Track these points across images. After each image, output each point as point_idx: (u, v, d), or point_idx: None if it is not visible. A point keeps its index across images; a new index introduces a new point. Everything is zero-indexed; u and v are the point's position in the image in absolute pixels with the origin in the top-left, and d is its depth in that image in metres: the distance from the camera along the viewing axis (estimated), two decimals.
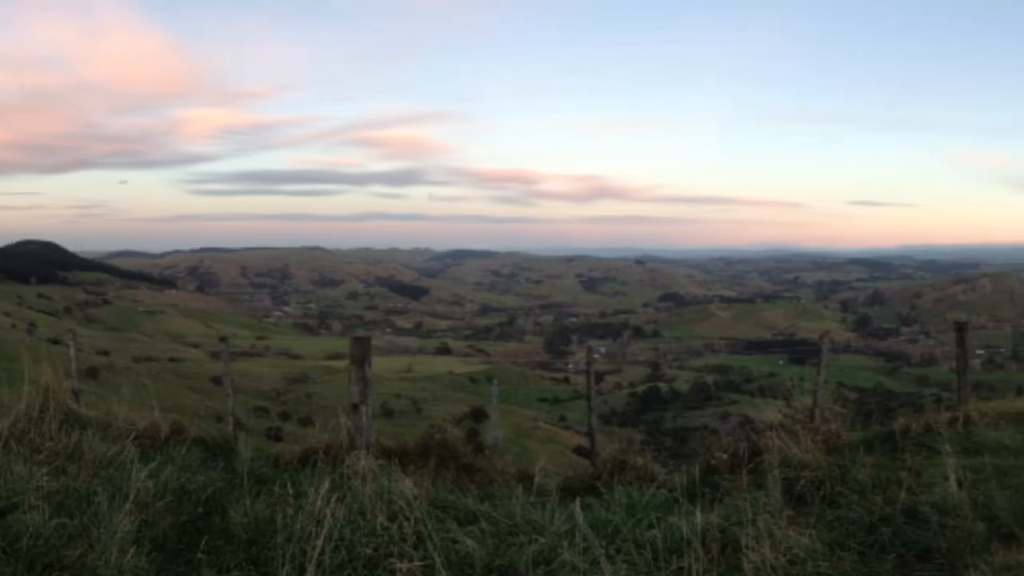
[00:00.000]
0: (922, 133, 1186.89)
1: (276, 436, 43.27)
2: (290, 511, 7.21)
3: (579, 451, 48.68)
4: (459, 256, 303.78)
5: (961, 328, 16.25)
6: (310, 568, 6.46)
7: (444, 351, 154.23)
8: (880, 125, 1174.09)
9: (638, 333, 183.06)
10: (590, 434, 15.25)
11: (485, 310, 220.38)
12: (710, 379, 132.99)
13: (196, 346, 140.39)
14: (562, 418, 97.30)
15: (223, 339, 17.84)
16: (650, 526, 7.61)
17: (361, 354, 11.07)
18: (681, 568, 6.77)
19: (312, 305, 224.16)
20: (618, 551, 7.11)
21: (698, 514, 7.33)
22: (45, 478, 8.15)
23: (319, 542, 6.61)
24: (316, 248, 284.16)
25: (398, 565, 6.58)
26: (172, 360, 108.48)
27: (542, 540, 7.14)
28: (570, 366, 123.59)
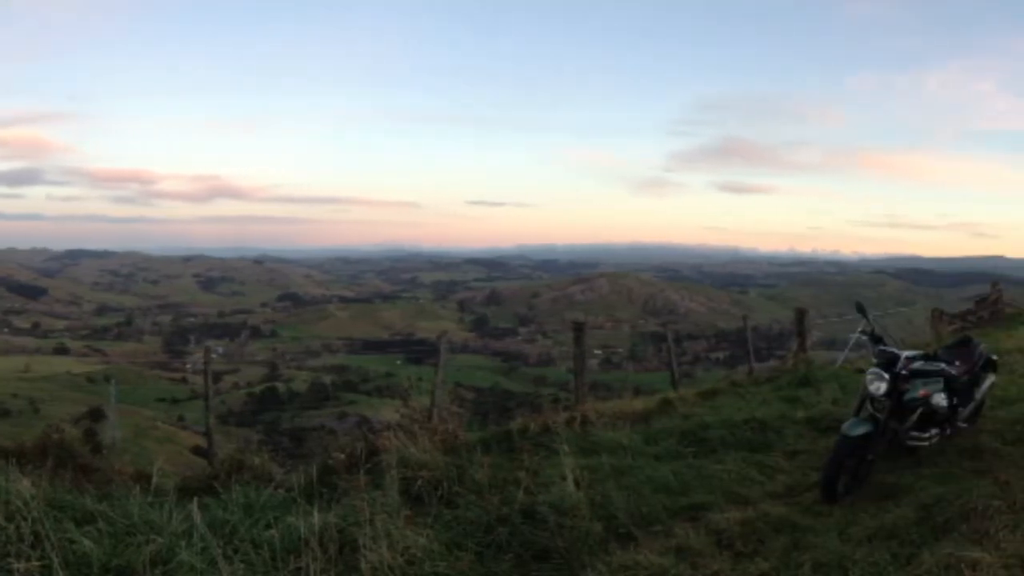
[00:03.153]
0: (539, 133, 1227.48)
1: None
2: None
3: (197, 451, 47.45)
4: (77, 256, 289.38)
5: (579, 328, 16.89)
6: None
7: (62, 351, 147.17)
8: (497, 125, 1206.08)
9: (256, 333, 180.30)
10: (208, 434, 15.18)
11: (103, 310, 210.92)
12: (328, 379, 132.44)
13: None
14: (180, 418, 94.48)
15: None
16: (268, 526, 7.55)
17: None
18: (299, 568, 6.82)
19: None
20: (236, 551, 7.02)
21: (316, 514, 7.35)
22: None
23: None
24: None
25: (15, 565, 6.36)
26: None
27: (160, 540, 6.98)
28: (188, 366, 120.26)
